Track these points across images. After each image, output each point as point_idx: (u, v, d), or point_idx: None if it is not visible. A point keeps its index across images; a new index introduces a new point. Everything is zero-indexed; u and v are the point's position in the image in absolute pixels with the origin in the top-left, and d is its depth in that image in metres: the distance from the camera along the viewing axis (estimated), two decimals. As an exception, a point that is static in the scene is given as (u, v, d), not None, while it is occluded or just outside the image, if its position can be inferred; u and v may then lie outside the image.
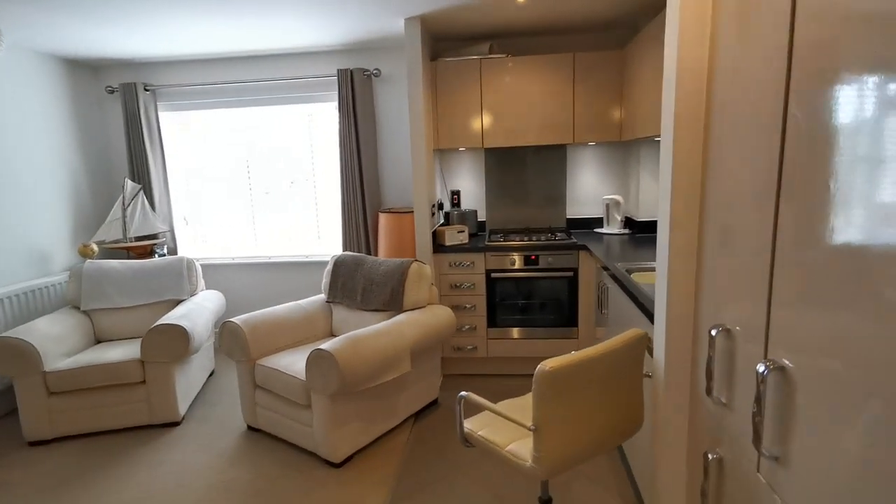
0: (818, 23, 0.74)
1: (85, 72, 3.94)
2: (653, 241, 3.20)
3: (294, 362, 2.66)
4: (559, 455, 1.37)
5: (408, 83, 3.13)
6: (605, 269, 2.52)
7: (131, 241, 3.89)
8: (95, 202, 4.04)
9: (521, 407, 1.74)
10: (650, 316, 1.71)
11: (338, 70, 3.70)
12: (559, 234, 3.52)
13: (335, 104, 3.93)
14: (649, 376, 1.62)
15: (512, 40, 3.64)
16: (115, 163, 4.16)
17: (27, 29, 2.99)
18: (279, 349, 2.89)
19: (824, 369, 0.72)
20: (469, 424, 1.65)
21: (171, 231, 4.14)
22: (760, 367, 0.82)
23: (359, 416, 2.53)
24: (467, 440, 1.62)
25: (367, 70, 3.76)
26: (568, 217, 3.84)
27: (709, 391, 1.02)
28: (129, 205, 3.87)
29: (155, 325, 2.85)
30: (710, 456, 1.04)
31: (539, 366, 1.32)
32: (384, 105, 3.87)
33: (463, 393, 1.60)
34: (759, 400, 0.82)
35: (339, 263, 3.22)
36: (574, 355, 1.35)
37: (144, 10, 2.75)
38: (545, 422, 1.33)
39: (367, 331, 2.55)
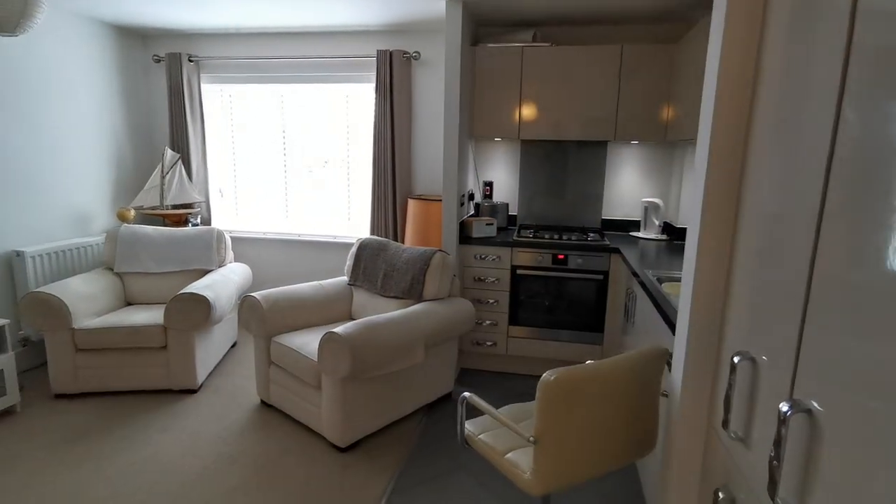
0: (881, 24, 0.62)
1: (133, 39, 4.03)
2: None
3: (308, 342, 2.66)
4: (558, 471, 1.29)
5: (445, 68, 3.05)
6: (635, 275, 2.39)
7: (167, 209, 3.97)
8: (136, 168, 4.15)
9: (528, 413, 1.66)
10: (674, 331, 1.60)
11: (377, 51, 3.64)
12: (592, 235, 3.39)
13: (372, 85, 3.88)
14: (666, 395, 1.51)
15: (557, 29, 3.49)
16: (157, 131, 4.25)
17: (79, -6, 3.06)
18: (296, 328, 2.90)
19: (860, 416, 0.62)
20: (471, 426, 1.58)
21: (207, 202, 4.21)
22: (784, 407, 0.72)
23: (368, 402, 2.50)
24: (467, 442, 1.56)
25: (407, 52, 3.69)
26: (603, 217, 3.69)
27: (725, 424, 0.92)
28: (167, 173, 3.95)
29: (179, 293, 2.90)
30: (720, 494, 0.94)
31: (545, 374, 1.24)
32: (422, 89, 3.79)
33: (465, 394, 1.53)
34: (778, 443, 0.72)
35: (363, 247, 3.20)
36: (585, 366, 1.26)
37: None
38: (547, 434, 1.25)
39: (382, 318, 2.51)
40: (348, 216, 4.16)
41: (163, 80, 4.15)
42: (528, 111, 3.32)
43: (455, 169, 3.15)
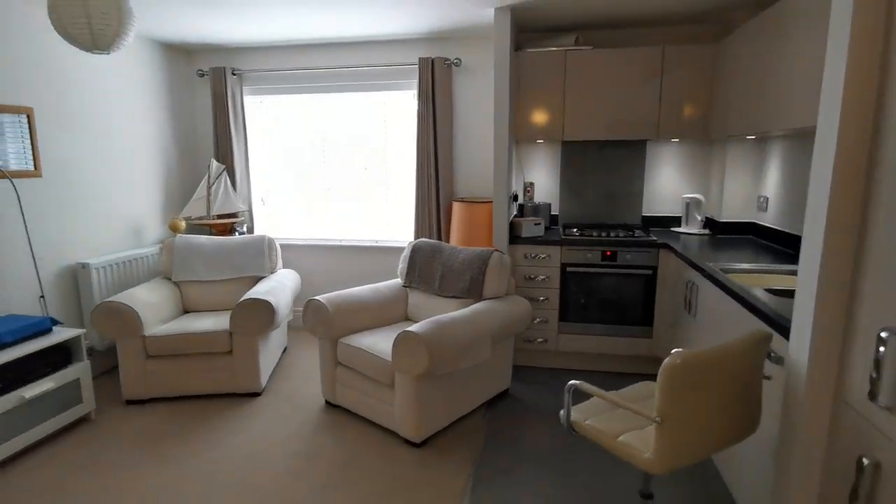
0: None
1: (178, 55, 4.13)
2: (738, 244, 3.11)
3: (377, 342, 2.74)
4: (680, 449, 1.37)
5: (494, 74, 3.14)
6: (698, 268, 2.47)
7: (213, 219, 4.07)
8: (182, 180, 4.25)
9: (630, 399, 1.74)
10: (765, 318, 1.68)
11: (419, 58, 3.74)
12: (637, 232, 3.47)
13: (412, 92, 3.98)
14: (768, 378, 1.59)
15: (598, 32, 3.59)
16: (200, 143, 4.35)
17: (136, 14, 3.16)
18: (359, 329, 2.98)
19: None
20: (576, 413, 1.67)
21: (250, 210, 4.31)
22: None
23: (439, 398, 2.58)
24: (573, 428, 1.64)
25: (448, 59, 3.79)
26: (643, 215, 3.78)
27: (872, 395, 1.00)
28: (213, 184, 4.05)
29: (243, 298, 2.99)
30: (864, 460, 1.02)
31: (670, 357, 1.32)
32: (461, 94, 3.89)
33: (573, 382, 1.61)
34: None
35: (416, 250, 3.28)
36: (704, 349, 1.34)
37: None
38: (671, 414, 1.33)
39: (452, 316, 2.60)
40: (387, 220, 4.25)
41: (206, 94, 4.25)
42: (572, 113, 3.42)
43: (505, 171, 3.24)
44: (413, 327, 2.44)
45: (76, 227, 3.26)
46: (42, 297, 2.99)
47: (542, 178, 3.89)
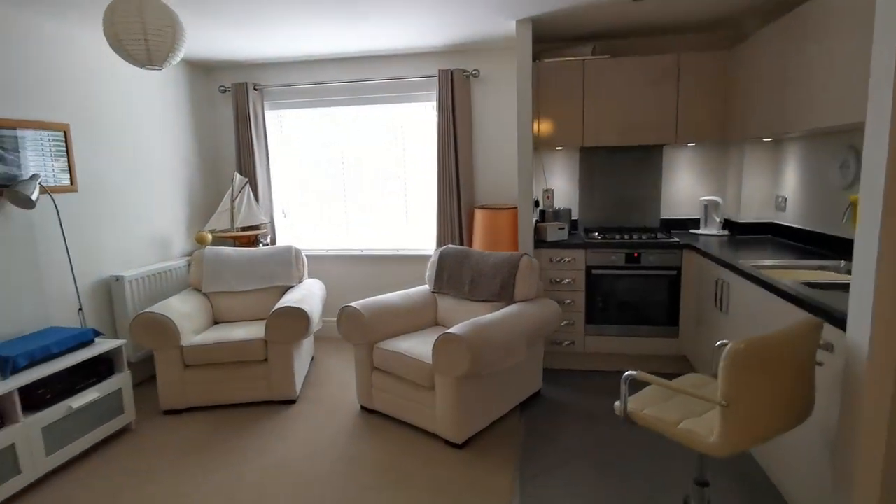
0: None
1: (200, 71, 4.22)
2: (758, 243, 3.19)
3: (414, 346, 2.79)
4: (744, 432, 1.43)
5: (517, 84, 3.24)
6: (730, 267, 2.54)
7: (237, 231, 4.13)
8: (205, 193, 4.32)
9: (670, 393, 1.80)
10: (811, 308, 1.75)
11: (438, 70, 3.84)
12: (660, 234, 3.55)
13: (431, 104, 4.08)
14: (820, 364, 1.66)
15: (614, 42, 3.70)
16: (221, 156, 4.43)
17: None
18: (393, 334, 3.03)
19: None
20: (630, 404, 1.72)
21: (272, 222, 4.37)
22: None
23: (478, 400, 2.63)
24: (629, 418, 1.70)
25: (467, 71, 3.89)
26: (662, 217, 3.86)
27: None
28: (237, 197, 4.12)
29: (278, 307, 3.04)
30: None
31: (733, 343, 1.38)
32: (479, 104, 3.99)
33: (630, 372, 1.67)
34: None
35: (444, 256, 3.35)
36: (766, 335, 1.40)
37: (267, 16, 2.95)
38: (735, 398, 1.40)
39: (489, 317, 2.66)
40: (408, 229, 4.32)
41: (228, 109, 4.34)
42: (591, 120, 3.51)
43: (530, 178, 3.32)
44: (453, 329, 2.49)
45: (109, 240, 3.32)
46: (80, 309, 3.03)
47: (561, 183, 3.98)
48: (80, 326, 3.04)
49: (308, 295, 3.37)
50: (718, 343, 1.91)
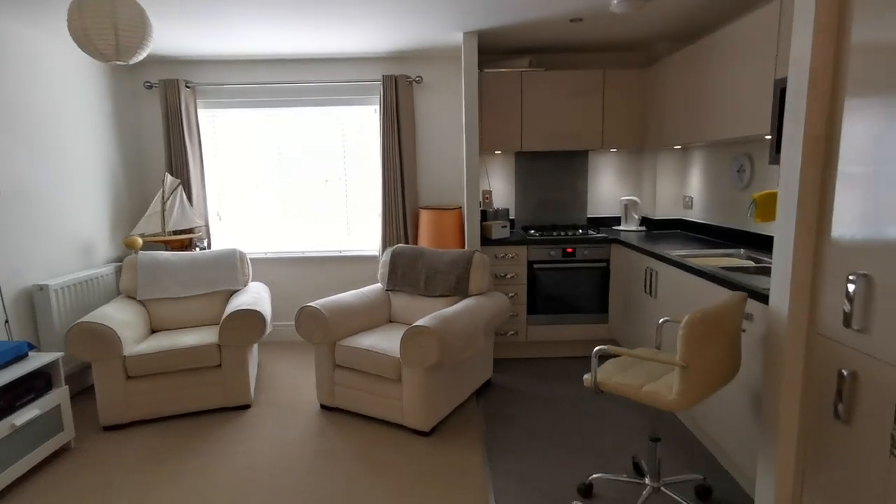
0: None
1: (121, 67, 3.96)
2: (671, 237, 3.66)
3: (378, 342, 2.89)
4: (698, 389, 1.72)
5: (464, 92, 3.45)
6: (659, 257, 2.92)
7: (169, 235, 3.93)
8: (131, 196, 4.05)
9: (629, 363, 2.09)
10: (730, 286, 2.12)
11: (383, 76, 3.95)
12: (590, 231, 3.93)
13: (373, 108, 4.17)
14: (744, 331, 2.02)
15: (547, 55, 4.04)
16: (147, 157, 4.18)
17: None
18: (352, 332, 3.09)
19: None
20: (598, 375, 1.98)
21: (206, 226, 4.20)
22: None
23: (440, 389, 2.78)
24: (599, 388, 1.95)
25: (410, 77, 4.03)
26: (588, 216, 4.27)
27: (847, 323, 1.41)
28: (168, 199, 3.92)
29: (234, 310, 2.98)
30: (843, 372, 1.43)
31: (690, 315, 1.67)
32: (422, 110, 4.15)
33: (601, 347, 1.93)
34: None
35: (397, 255, 3.46)
36: (711, 307, 1.71)
37: (205, 12, 2.89)
38: (692, 360, 1.69)
39: (452, 310, 2.82)
40: (349, 231, 4.36)
41: (154, 106, 4.11)
42: (527, 127, 3.81)
43: (477, 180, 3.54)
44: (421, 321, 2.63)
45: (29, 246, 3.04)
46: (6, 321, 2.76)
47: (498, 184, 4.25)
48: (7, 339, 2.77)
49: (259, 298, 3.32)
50: (662, 320, 2.23)
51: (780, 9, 2.28)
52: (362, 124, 4.21)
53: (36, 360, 2.49)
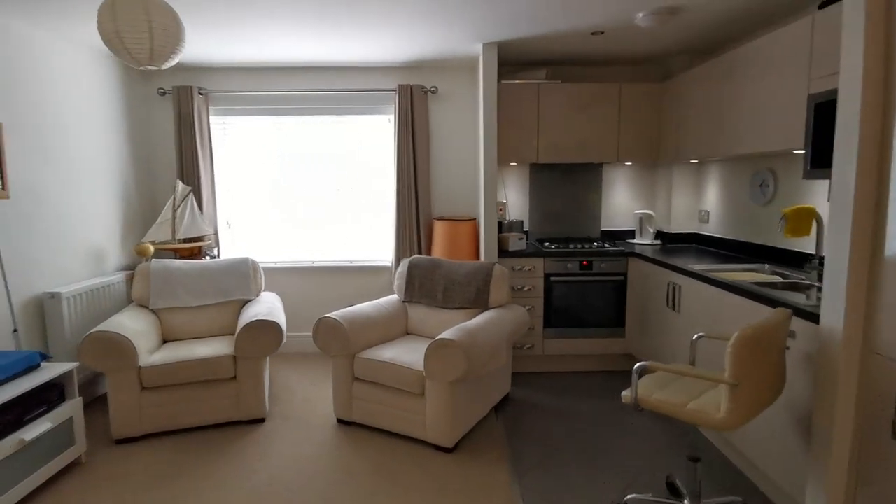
0: None
1: (136, 72, 3.92)
2: (687, 251, 3.64)
3: (399, 355, 2.83)
4: (749, 408, 1.68)
5: (483, 103, 3.43)
6: (683, 272, 2.90)
7: (178, 243, 3.87)
8: (140, 203, 3.99)
9: (671, 379, 2.05)
10: (772, 303, 2.09)
11: (398, 85, 3.93)
12: (606, 244, 3.90)
13: (387, 117, 4.15)
14: (787, 348, 1.99)
15: (562, 68, 4.04)
16: (159, 164, 4.12)
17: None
18: (370, 345, 3.03)
19: None
20: (632, 391, 1.93)
21: (216, 234, 4.14)
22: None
23: (465, 404, 2.72)
24: (639, 405, 1.90)
25: (425, 87, 4.02)
26: (602, 229, 4.25)
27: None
28: (179, 206, 3.86)
29: (251, 321, 2.91)
30: (904, 391, 1.40)
31: (740, 330, 1.64)
32: (437, 120, 4.13)
33: (642, 363, 1.88)
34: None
35: (414, 266, 3.41)
36: (759, 324, 1.68)
37: (223, 18, 2.86)
38: (744, 377, 1.65)
39: (475, 323, 2.78)
40: (362, 241, 4.31)
41: (167, 113, 4.06)
42: (543, 138, 3.80)
43: (494, 191, 3.52)
44: (446, 335, 2.58)
45: (41, 253, 2.97)
46: (15, 330, 2.67)
47: (512, 196, 4.23)
48: (16, 349, 2.68)
49: (274, 308, 3.25)
50: (696, 336, 2.20)
51: (813, 24, 2.29)
52: (374, 134, 4.18)
53: (49, 371, 2.41)
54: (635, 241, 4.13)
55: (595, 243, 3.90)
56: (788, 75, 2.45)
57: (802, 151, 2.56)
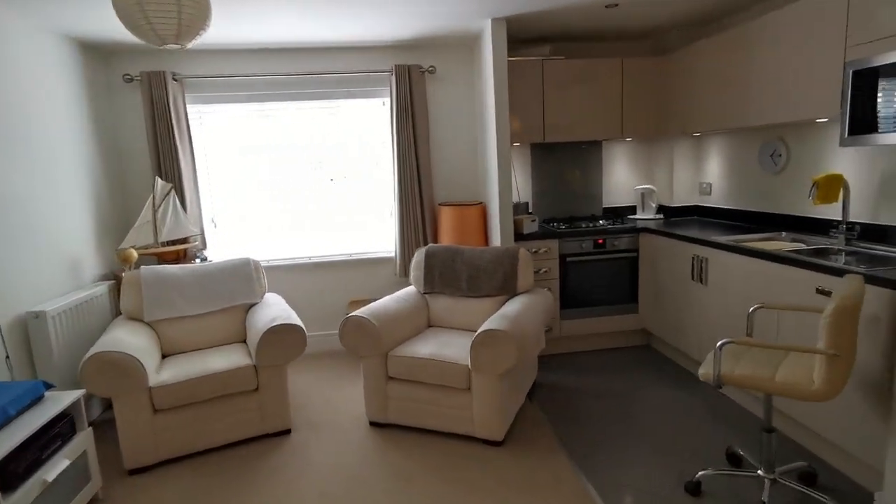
0: None
1: (95, 56, 3.48)
2: (687, 223, 3.68)
3: (437, 349, 2.69)
4: (845, 377, 1.68)
5: (494, 82, 3.29)
6: (710, 244, 2.91)
7: (161, 246, 3.52)
8: (113, 203, 3.59)
9: (742, 351, 2.04)
10: (832, 271, 2.12)
11: (395, 66, 3.72)
12: (612, 221, 3.89)
13: (380, 101, 3.92)
14: (858, 313, 2.01)
15: (565, 44, 3.95)
16: (132, 159, 3.71)
17: (49, 4, 2.62)
18: (400, 341, 2.88)
19: None
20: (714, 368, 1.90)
21: (202, 234, 3.80)
22: None
23: (507, 394, 2.63)
24: (722, 382, 1.87)
25: (423, 67, 3.82)
26: (604, 206, 4.24)
27: None
28: (159, 206, 3.50)
29: (274, 325, 2.68)
30: None
31: (840, 300, 1.62)
32: (436, 102, 3.95)
33: (726, 340, 1.85)
34: None
35: (430, 255, 3.26)
36: (848, 293, 1.67)
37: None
38: (844, 347, 1.64)
39: (515, 309, 2.68)
40: (362, 231, 4.10)
41: (134, 101, 3.65)
42: (549, 117, 3.71)
43: (508, 173, 3.40)
44: (491, 325, 2.47)
45: (16, 267, 2.59)
46: (7, 357, 2.32)
47: (517, 178, 4.13)
48: (10, 380, 2.33)
49: (286, 310, 3.02)
50: (753, 307, 2.20)
51: (847, -8, 2.30)
52: (369, 118, 3.95)
53: (56, 401, 2.11)
54: (637, 216, 4.15)
55: (601, 221, 3.89)
56: (820, 44, 2.46)
57: (825, 120, 2.60)
